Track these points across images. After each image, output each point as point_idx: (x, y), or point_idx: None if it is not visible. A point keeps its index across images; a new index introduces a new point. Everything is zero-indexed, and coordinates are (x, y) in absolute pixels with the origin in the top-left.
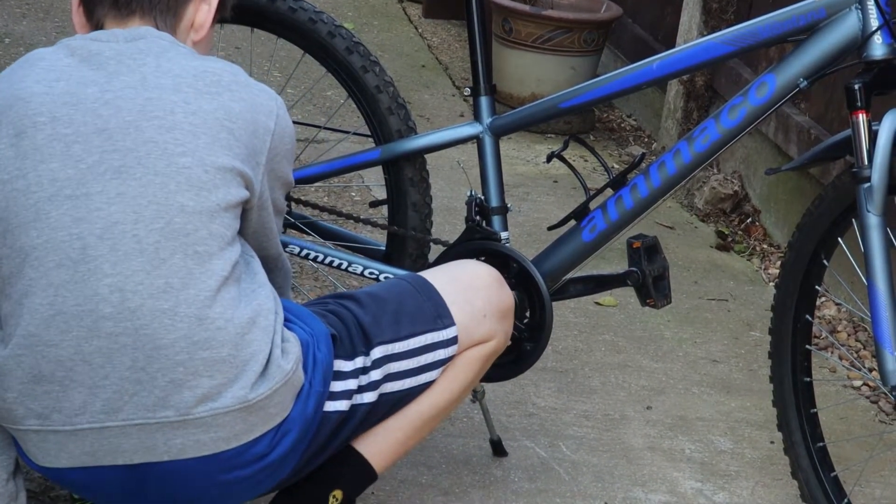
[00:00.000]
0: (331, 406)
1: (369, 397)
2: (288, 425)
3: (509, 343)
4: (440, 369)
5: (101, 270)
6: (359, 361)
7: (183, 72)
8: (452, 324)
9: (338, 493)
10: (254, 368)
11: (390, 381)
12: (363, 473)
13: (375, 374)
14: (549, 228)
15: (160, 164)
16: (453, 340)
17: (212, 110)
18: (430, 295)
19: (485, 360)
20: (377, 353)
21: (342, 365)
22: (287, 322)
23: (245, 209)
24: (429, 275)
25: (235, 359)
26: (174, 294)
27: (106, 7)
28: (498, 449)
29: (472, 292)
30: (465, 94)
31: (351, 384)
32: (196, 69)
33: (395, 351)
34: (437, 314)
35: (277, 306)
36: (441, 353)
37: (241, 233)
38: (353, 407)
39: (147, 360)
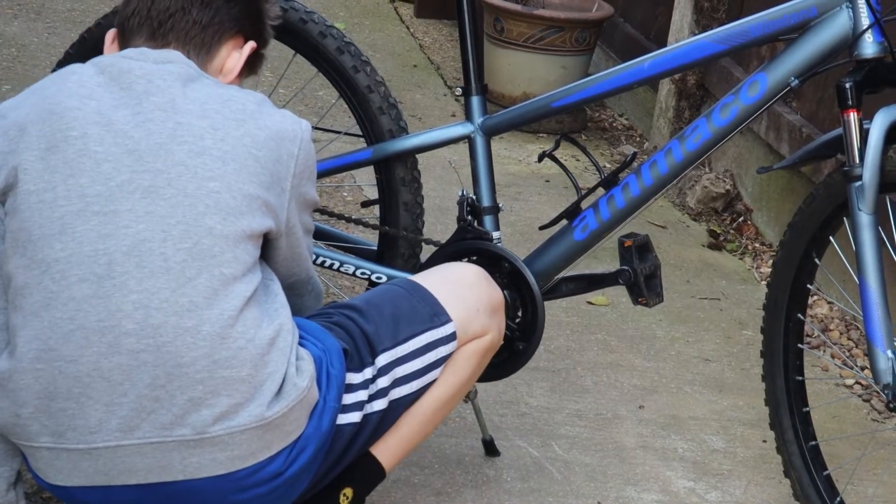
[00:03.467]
0: (343, 419)
1: (379, 405)
2: (303, 442)
3: (502, 342)
4: (438, 369)
5: (127, 286)
6: (367, 372)
7: (209, 98)
8: (449, 320)
9: (348, 492)
10: (270, 388)
11: (398, 387)
12: (373, 472)
13: (383, 382)
14: (541, 228)
15: (190, 186)
16: (452, 336)
17: (239, 137)
18: (423, 296)
19: (482, 356)
20: (382, 360)
21: (352, 377)
22: (300, 339)
23: (272, 238)
24: (418, 278)
25: (254, 378)
26: (198, 313)
27: (143, 38)
28: (490, 448)
29: (462, 290)
30: (457, 93)
31: (361, 395)
32: (222, 96)
33: (398, 355)
34: (433, 313)
35: (294, 326)
36: (443, 350)
37: (272, 262)
38: (364, 417)
39: (167, 378)
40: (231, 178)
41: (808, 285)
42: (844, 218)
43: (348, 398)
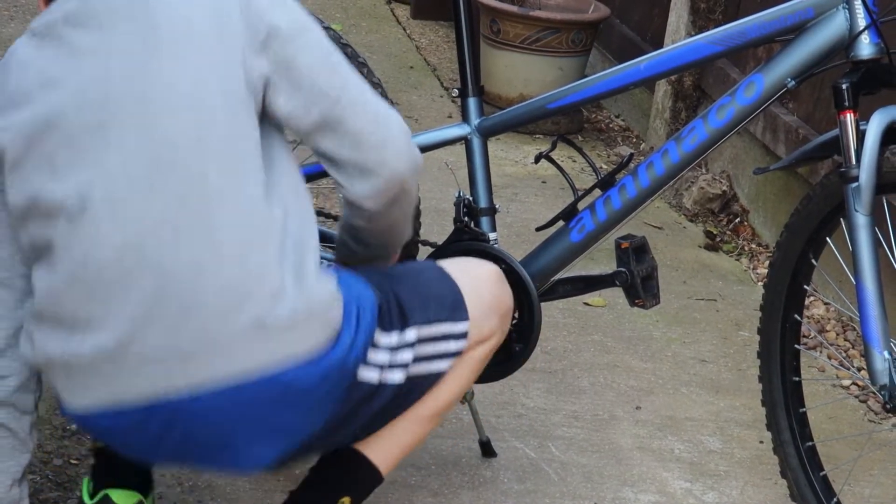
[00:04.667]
0: (363, 374)
1: (398, 377)
2: (326, 365)
3: None
4: (450, 361)
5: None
6: (394, 337)
7: None
8: (466, 318)
9: (346, 500)
10: (268, 289)
11: (417, 364)
12: (370, 477)
13: (406, 354)
14: (538, 229)
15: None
16: (464, 335)
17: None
18: (449, 285)
19: (483, 360)
20: (410, 334)
21: (379, 336)
22: (340, 279)
23: (275, 84)
24: (443, 264)
25: (247, 282)
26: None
27: None
28: (487, 450)
29: (481, 288)
30: (453, 95)
31: (383, 358)
32: None
33: (424, 335)
34: (454, 306)
35: (308, 239)
36: (452, 346)
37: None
38: (381, 383)
39: (167, 288)
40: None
41: (805, 286)
42: (841, 219)
43: (371, 355)
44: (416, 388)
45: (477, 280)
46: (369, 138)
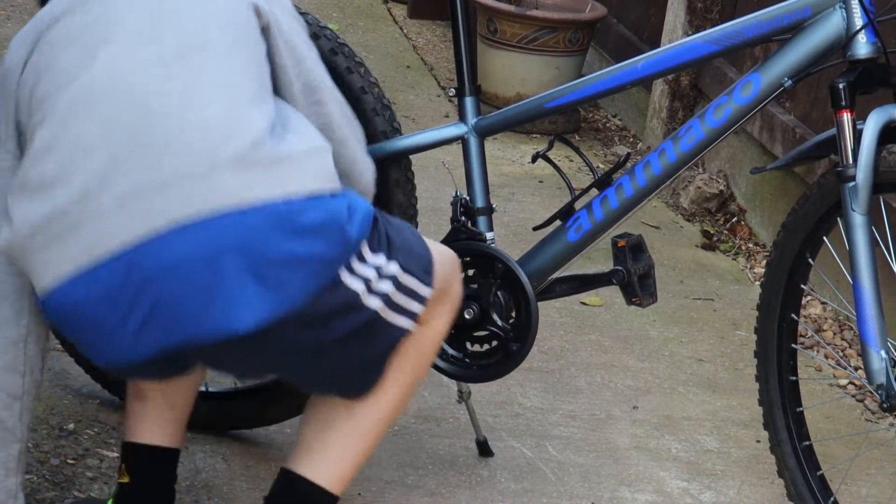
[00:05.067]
0: (347, 279)
1: (376, 304)
2: (315, 217)
3: (494, 342)
4: (411, 322)
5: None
6: (381, 259)
7: None
8: (431, 285)
9: None
10: (253, 132)
11: (391, 305)
12: (323, 502)
13: (387, 285)
14: (535, 228)
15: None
16: (424, 301)
17: None
18: (426, 250)
19: (425, 358)
20: (393, 267)
21: (366, 250)
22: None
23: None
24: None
25: (232, 124)
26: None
27: None
28: (484, 449)
29: (445, 268)
30: (450, 94)
31: (369, 273)
32: None
33: (400, 279)
34: (426, 269)
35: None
36: (415, 306)
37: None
38: (361, 300)
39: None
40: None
41: (802, 285)
42: (838, 218)
43: (357, 266)
44: (381, 336)
45: (442, 259)
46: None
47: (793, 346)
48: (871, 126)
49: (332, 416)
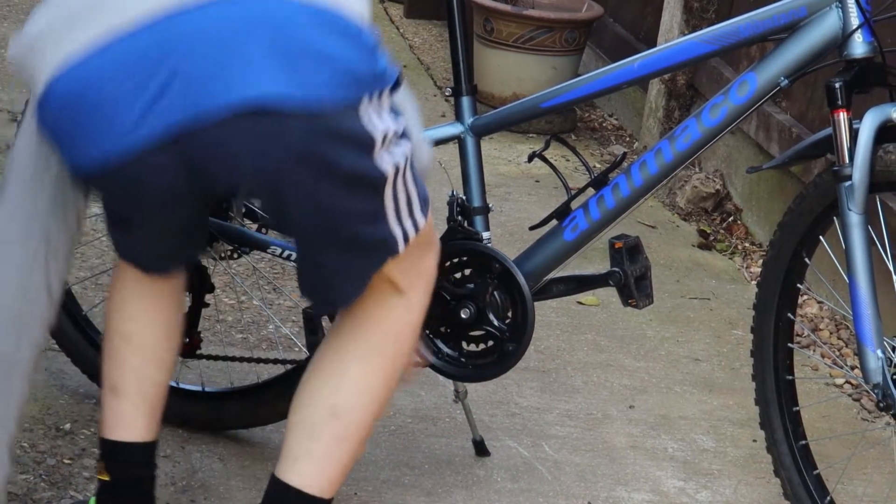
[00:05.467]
0: (365, 115)
1: (387, 166)
2: (351, 32)
3: (490, 342)
4: (402, 237)
5: None
6: (399, 125)
7: None
8: (425, 216)
9: None
10: None
11: (400, 182)
12: None
13: (400, 156)
14: (531, 228)
15: None
16: (418, 226)
17: None
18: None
19: (405, 338)
20: (407, 147)
21: (388, 99)
22: None
23: None
24: None
25: None
26: None
27: None
28: (481, 449)
29: (432, 228)
30: (447, 94)
31: (388, 124)
32: None
33: (410, 171)
34: (425, 197)
35: None
36: (410, 224)
37: None
38: (373, 148)
39: None
40: None
41: (798, 285)
42: (834, 217)
43: (378, 111)
44: (377, 230)
45: (430, 227)
46: None
47: (789, 345)
48: (868, 125)
49: (315, 419)
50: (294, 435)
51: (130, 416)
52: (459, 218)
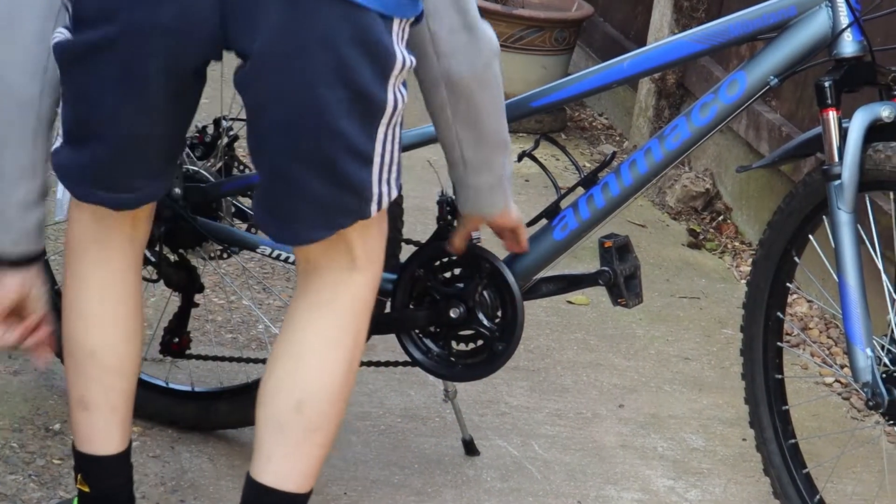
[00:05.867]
0: (395, 37)
1: (390, 99)
2: None
3: (480, 341)
4: (377, 201)
5: None
6: (412, 62)
7: None
8: (398, 190)
9: None
10: None
11: (392, 132)
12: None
13: (400, 96)
14: None
15: None
16: (391, 195)
17: None
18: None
19: (359, 314)
20: (405, 92)
21: (409, 23)
22: None
23: None
24: None
25: None
26: None
27: None
28: (470, 448)
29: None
30: None
31: (406, 56)
32: None
33: (400, 127)
34: (399, 168)
35: None
36: (386, 190)
37: None
38: (389, 66)
39: None
40: None
41: (788, 284)
42: (824, 216)
43: (402, 47)
44: (361, 179)
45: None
46: None
47: (779, 344)
48: (857, 124)
49: (281, 415)
50: (263, 432)
51: (103, 429)
52: (449, 217)
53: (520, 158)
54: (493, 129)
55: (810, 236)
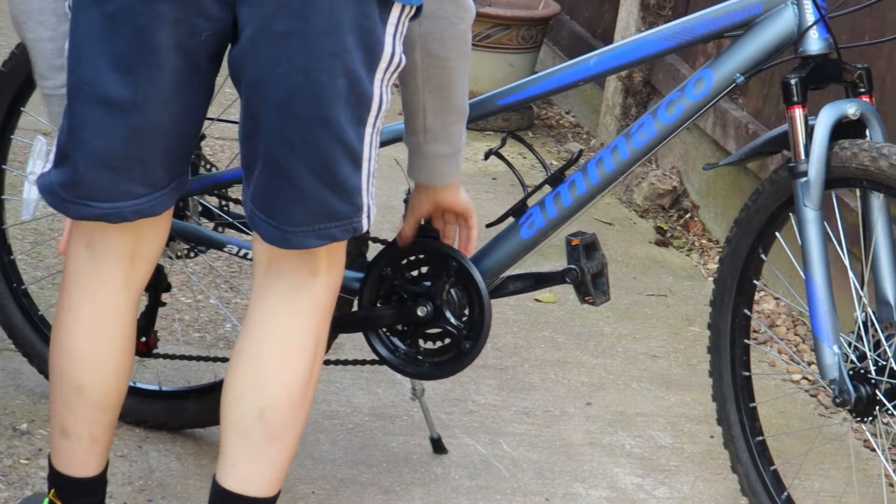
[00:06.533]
0: (389, 27)
1: (377, 92)
2: None
3: (447, 339)
4: (366, 216)
5: None
6: (402, 61)
7: None
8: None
9: None
10: None
11: (375, 129)
12: None
13: (385, 98)
14: (488, 226)
15: None
16: (370, 219)
17: None
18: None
19: (321, 319)
20: (389, 97)
21: (405, 19)
22: None
23: None
24: None
25: None
26: None
27: None
28: (438, 446)
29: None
30: None
31: (397, 52)
32: None
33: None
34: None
35: None
36: (368, 200)
37: None
38: (379, 54)
39: None
40: None
41: (755, 281)
42: (790, 214)
43: (395, 32)
44: (351, 182)
45: None
46: None
47: (746, 341)
48: (823, 122)
49: (245, 423)
50: (227, 439)
51: (82, 457)
52: None
53: (487, 156)
54: (460, 97)
55: (777, 233)
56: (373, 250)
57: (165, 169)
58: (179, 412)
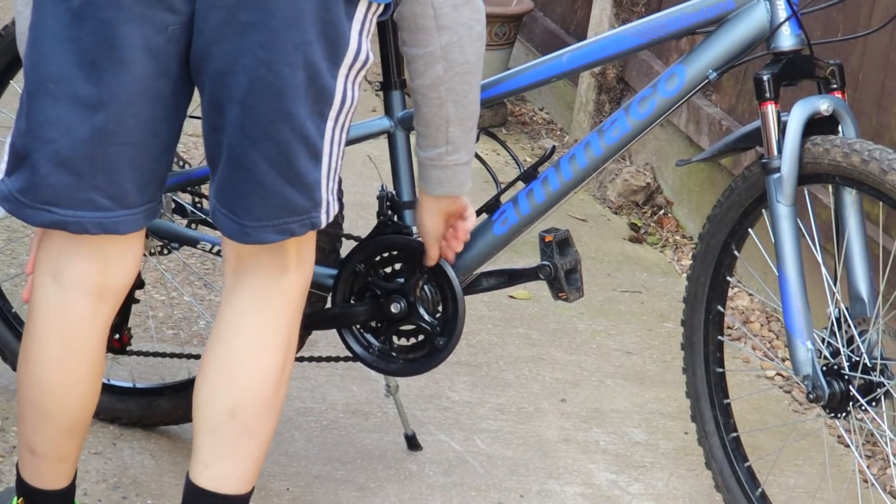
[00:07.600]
0: (354, 23)
1: (339, 92)
2: None
3: (421, 336)
4: (325, 211)
5: None
6: (369, 60)
7: None
8: (339, 206)
9: None
10: None
11: (340, 128)
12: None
13: (349, 98)
14: None
15: None
16: (335, 209)
17: None
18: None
19: (291, 317)
20: (357, 93)
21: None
22: None
23: None
24: None
25: None
26: None
27: None
28: (412, 443)
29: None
30: (376, 88)
31: (363, 48)
32: None
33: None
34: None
35: None
36: (332, 198)
37: None
38: (337, 76)
39: None
40: None
41: (728, 277)
42: (763, 210)
43: (362, 26)
44: (310, 178)
45: None
46: None
47: (720, 337)
48: (796, 118)
49: (217, 422)
50: (200, 438)
51: (50, 473)
52: (389, 212)
53: None
54: (477, 100)
55: (750, 230)
56: (346, 247)
57: (135, 186)
58: (154, 409)
